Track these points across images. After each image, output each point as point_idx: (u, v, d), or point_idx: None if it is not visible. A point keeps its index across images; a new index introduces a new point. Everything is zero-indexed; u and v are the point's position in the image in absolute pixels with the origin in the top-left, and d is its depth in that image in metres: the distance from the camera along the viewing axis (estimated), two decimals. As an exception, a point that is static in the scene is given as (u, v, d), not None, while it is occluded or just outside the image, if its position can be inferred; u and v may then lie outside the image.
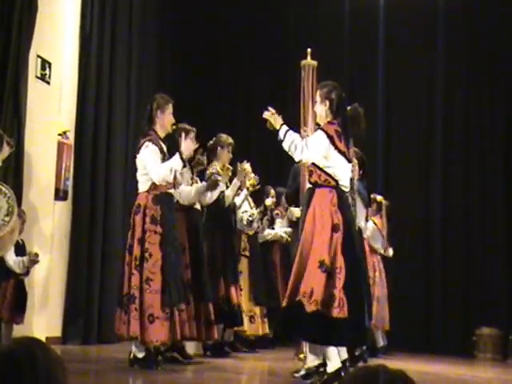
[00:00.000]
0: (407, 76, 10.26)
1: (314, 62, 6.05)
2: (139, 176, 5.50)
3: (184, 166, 5.65)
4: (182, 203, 6.12)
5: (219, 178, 6.45)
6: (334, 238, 4.63)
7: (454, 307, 9.76)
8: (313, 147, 4.77)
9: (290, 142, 4.80)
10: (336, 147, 4.80)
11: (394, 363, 3.85)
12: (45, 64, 6.78)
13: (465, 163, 10.09)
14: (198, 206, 6.36)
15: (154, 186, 5.40)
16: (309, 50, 6.09)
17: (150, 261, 5.23)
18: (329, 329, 4.50)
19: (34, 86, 6.51)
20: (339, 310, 4.47)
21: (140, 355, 5.28)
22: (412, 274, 9.88)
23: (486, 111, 10.15)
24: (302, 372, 5.03)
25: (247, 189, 7.18)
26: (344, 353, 4.82)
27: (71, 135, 7.14)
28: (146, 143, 5.42)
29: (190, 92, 9.94)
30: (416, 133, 10.42)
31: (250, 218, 7.49)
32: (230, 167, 6.82)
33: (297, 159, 4.93)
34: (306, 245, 4.67)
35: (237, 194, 7.10)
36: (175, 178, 5.51)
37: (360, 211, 6.73)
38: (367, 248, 7.39)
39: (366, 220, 7.17)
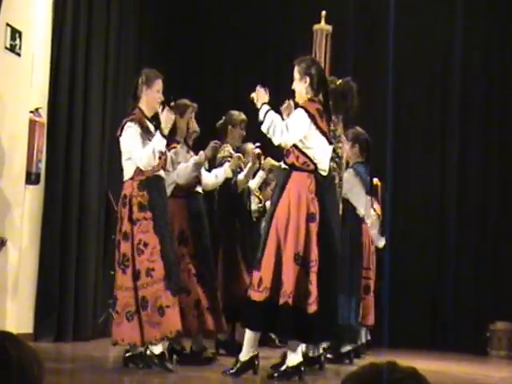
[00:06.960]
0: (421, 43, 9.66)
1: (329, 27, 5.58)
2: (124, 162, 5.21)
3: (167, 144, 5.32)
4: (181, 184, 5.67)
5: (218, 143, 6.01)
6: (310, 229, 4.56)
7: (466, 300, 9.40)
8: (293, 129, 4.61)
9: (269, 123, 4.62)
10: (318, 127, 4.67)
11: (400, 361, 3.49)
12: (15, 34, 6.42)
13: (483, 140, 9.61)
14: (199, 189, 5.90)
15: (139, 170, 5.09)
16: (323, 12, 5.62)
17: (146, 251, 4.91)
18: (303, 325, 4.49)
19: (2, 58, 6.22)
20: (314, 306, 4.46)
21: (157, 351, 4.88)
22: (421, 264, 9.54)
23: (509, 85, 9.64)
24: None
25: (263, 169, 6.75)
26: (304, 347, 4.87)
27: (44, 112, 6.79)
28: (128, 123, 5.18)
29: (174, 66, 9.42)
30: (429, 108, 9.82)
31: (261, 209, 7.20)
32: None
33: (276, 143, 4.72)
34: (280, 235, 4.57)
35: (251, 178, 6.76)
36: (165, 159, 5.23)
37: (360, 197, 6.46)
38: (370, 237, 6.96)
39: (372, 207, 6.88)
